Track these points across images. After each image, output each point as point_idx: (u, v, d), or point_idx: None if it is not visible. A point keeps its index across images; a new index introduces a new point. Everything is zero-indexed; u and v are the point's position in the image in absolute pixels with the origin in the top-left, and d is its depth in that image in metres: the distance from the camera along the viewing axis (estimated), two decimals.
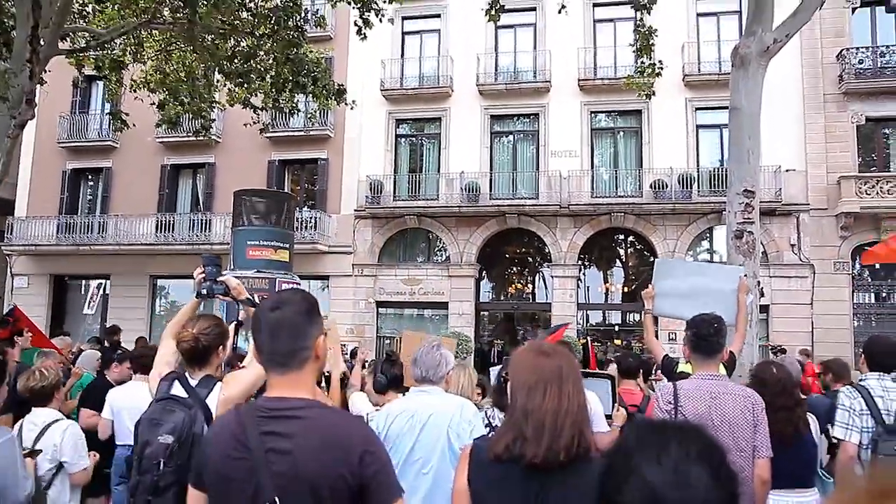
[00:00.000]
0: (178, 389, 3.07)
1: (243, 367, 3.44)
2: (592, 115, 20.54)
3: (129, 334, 13.49)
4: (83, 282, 22.37)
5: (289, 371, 1.87)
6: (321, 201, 21.19)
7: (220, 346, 3.22)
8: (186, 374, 3.15)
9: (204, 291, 3.38)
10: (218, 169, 21.93)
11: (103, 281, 16.21)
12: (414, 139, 21.97)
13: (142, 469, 2.92)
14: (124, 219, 21.80)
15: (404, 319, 20.80)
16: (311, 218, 20.32)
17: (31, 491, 3.53)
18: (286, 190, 21.05)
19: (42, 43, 10.57)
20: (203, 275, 3.40)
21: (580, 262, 20.06)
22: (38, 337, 7.73)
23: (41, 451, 3.99)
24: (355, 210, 20.85)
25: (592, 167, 20.17)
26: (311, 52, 13.57)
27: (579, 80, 20.16)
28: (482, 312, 21.17)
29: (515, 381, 2.11)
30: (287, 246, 9.85)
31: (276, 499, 1.74)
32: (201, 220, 21.35)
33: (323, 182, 21.46)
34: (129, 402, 4.98)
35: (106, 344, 10.85)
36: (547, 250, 20.18)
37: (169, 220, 21.55)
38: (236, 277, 6.16)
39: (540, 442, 1.94)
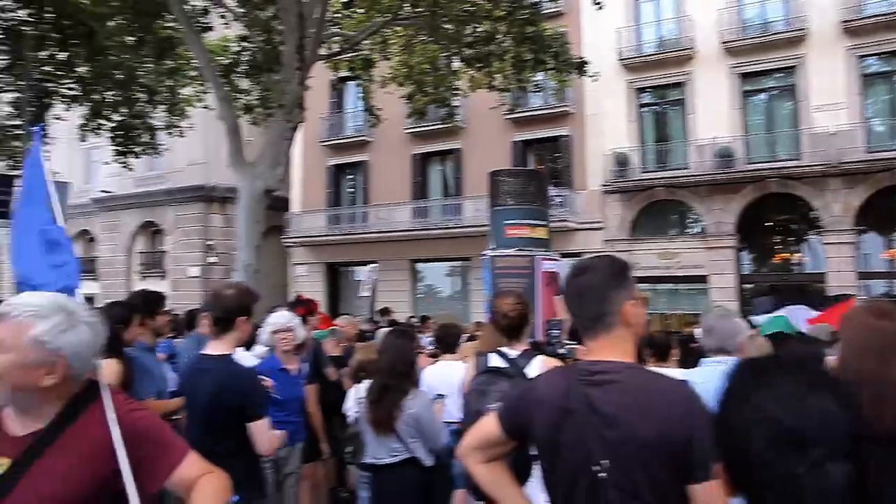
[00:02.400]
0: (496, 361, 3.35)
1: None
2: (860, 60, 18.46)
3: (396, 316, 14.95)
4: (353, 269, 24.51)
5: (597, 335, 1.87)
6: (566, 178, 21.23)
7: (529, 319, 3.51)
8: (504, 348, 3.43)
9: None
10: (464, 154, 22.82)
11: (376, 264, 17.59)
12: (658, 107, 21.19)
13: None
14: (383, 208, 23.54)
15: (659, 295, 20.30)
16: (557, 195, 20.48)
17: (447, 436, 4.07)
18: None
19: (306, 52, 11.73)
20: None
21: (857, 227, 18.22)
22: (324, 319, 8.72)
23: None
24: (602, 185, 20.64)
25: (864, 119, 18.17)
26: (547, 28, 13.68)
27: (842, 22, 18.18)
28: (745, 285, 20.01)
29: (848, 343, 1.94)
30: (544, 223, 9.99)
31: (607, 461, 1.71)
32: (453, 204, 22.42)
33: (566, 159, 21.48)
34: (444, 382, 4.93)
35: (381, 324, 12.10)
36: (815, 215, 18.59)
37: (423, 207, 22.91)
38: (498, 256, 6.38)
39: (880, 414, 1.69)
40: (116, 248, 28.41)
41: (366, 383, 4.28)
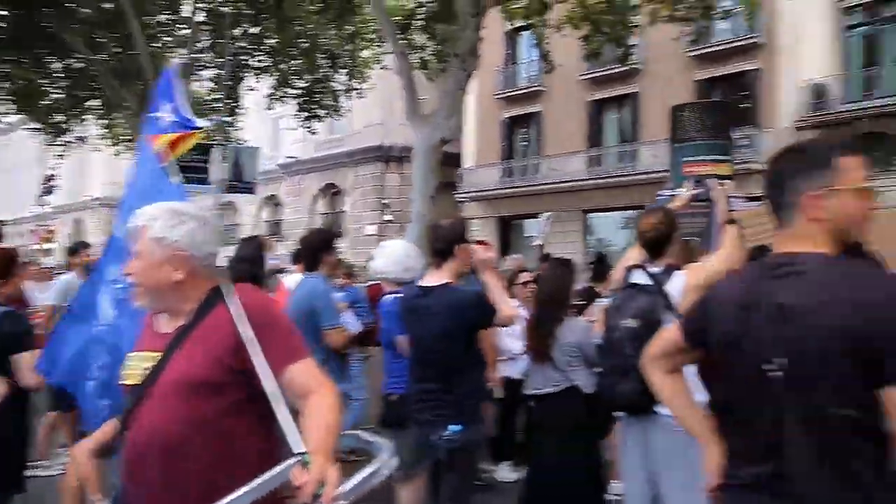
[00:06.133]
0: (639, 277, 3.21)
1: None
2: None
3: None
4: (525, 221, 24.44)
5: (785, 225, 1.71)
6: (753, 117, 19.59)
7: (673, 236, 3.31)
8: (645, 265, 3.29)
9: None
10: (642, 97, 21.82)
11: (551, 213, 17.26)
12: (871, 27, 18.84)
13: (610, 352, 3.20)
14: (556, 158, 23.12)
15: None
16: (743, 136, 19.00)
17: None
18: None
19: None
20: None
21: None
22: None
23: None
24: (795, 121, 18.84)
25: None
26: None
27: None
28: None
29: None
30: (727, 158, 9.23)
31: (785, 360, 1.58)
32: (629, 150, 21.58)
33: (754, 96, 19.87)
34: None
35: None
36: None
37: (597, 155, 22.26)
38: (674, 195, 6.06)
39: None
40: (300, 210, 30.25)
41: None
